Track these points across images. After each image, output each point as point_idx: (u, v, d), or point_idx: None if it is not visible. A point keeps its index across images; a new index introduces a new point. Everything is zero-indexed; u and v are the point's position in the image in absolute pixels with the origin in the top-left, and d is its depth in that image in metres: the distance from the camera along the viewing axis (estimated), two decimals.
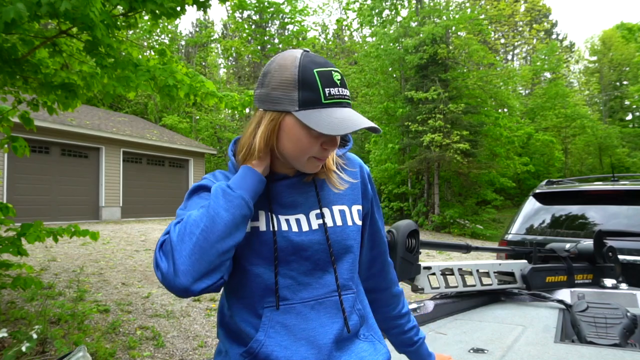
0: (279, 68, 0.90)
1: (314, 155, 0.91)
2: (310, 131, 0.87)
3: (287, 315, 0.91)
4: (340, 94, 0.89)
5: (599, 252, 2.40)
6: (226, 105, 4.33)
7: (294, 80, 0.87)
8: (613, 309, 1.63)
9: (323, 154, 0.92)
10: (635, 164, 22.32)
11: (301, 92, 0.87)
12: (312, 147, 0.89)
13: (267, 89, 0.90)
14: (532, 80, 28.22)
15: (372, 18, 20.40)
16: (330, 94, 0.88)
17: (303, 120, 0.86)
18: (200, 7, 3.38)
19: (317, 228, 0.96)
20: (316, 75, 0.87)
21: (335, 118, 0.86)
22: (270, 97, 0.89)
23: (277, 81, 0.89)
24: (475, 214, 17.98)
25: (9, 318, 3.86)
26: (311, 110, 0.86)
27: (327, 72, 0.89)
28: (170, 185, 15.77)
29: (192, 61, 28.64)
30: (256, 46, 23.87)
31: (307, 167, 0.93)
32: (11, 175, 10.84)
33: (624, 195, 3.20)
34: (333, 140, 0.91)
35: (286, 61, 0.90)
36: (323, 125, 0.85)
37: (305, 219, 0.96)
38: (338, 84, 0.89)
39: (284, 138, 0.90)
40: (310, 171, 0.95)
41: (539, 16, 35.15)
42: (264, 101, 0.91)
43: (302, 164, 0.93)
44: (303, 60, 0.88)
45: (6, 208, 3.56)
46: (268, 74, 0.91)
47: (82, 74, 3.80)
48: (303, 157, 0.91)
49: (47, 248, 7.25)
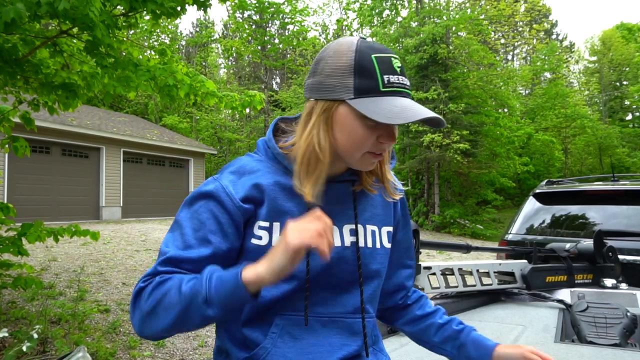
0: (333, 54, 0.83)
1: (369, 151, 0.83)
2: (366, 121, 0.80)
3: (297, 327, 0.86)
4: (400, 82, 0.81)
5: (599, 252, 2.40)
6: (226, 105, 4.33)
7: (349, 66, 0.80)
8: (613, 308, 1.63)
9: (379, 149, 0.84)
10: (635, 164, 22.32)
11: (357, 79, 0.80)
12: (367, 140, 0.82)
13: (320, 76, 0.83)
14: (532, 80, 28.21)
15: (372, 18, 20.41)
16: (390, 82, 0.80)
17: (358, 109, 0.78)
18: (201, 7, 3.38)
19: (348, 245, 0.90)
20: (374, 61, 0.80)
21: (395, 107, 0.78)
22: (323, 85, 0.83)
23: (332, 68, 0.82)
24: (475, 214, 17.99)
25: (10, 318, 3.86)
26: (368, 98, 0.79)
27: (386, 58, 0.81)
28: (170, 185, 15.77)
29: (192, 61, 28.64)
30: (256, 46, 23.87)
31: (362, 163, 0.86)
32: (12, 175, 10.85)
33: (624, 195, 3.20)
34: (391, 133, 0.83)
35: (342, 47, 0.83)
36: (381, 114, 0.77)
37: (339, 234, 0.90)
38: (398, 72, 0.81)
39: (337, 130, 0.83)
40: (365, 169, 0.88)
41: (539, 16, 35.15)
42: (316, 90, 0.84)
43: (355, 160, 0.85)
44: (360, 46, 0.81)
45: (7, 208, 3.56)
46: (321, 61, 0.84)
47: (82, 74, 3.80)
48: (357, 152, 0.83)
49: (48, 248, 7.25)
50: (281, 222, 0.85)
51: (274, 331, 0.85)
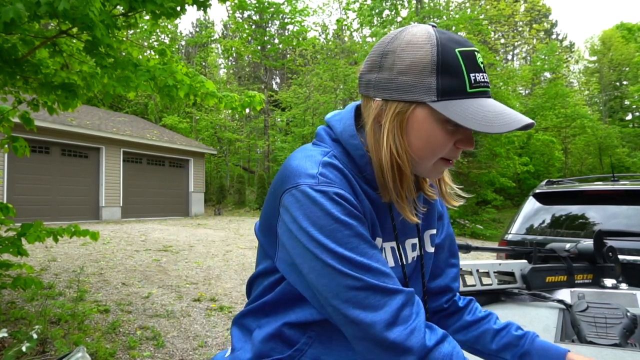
0: (407, 47, 0.72)
1: (444, 157, 0.76)
2: (447, 126, 0.72)
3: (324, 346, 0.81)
4: (485, 81, 0.72)
5: (599, 252, 2.40)
6: (226, 105, 4.33)
7: (431, 63, 0.69)
8: (613, 309, 1.62)
9: (454, 155, 0.76)
10: (635, 164, 22.32)
11: (440, 78, 0.69)
12: (445, 146, 0.74)
13: (390, 72, 0.72)
14: (532, 80, 28.21)
15: (372, 18, 20.42)
16: (477, 81, 0.71)
17: (446, 114, 0.69)
18: (200, 7, 3.38)
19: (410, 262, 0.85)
20: (459, 57, 0.70)
21: (488, 112, 0.70)
22: (396, 83, 0.72)
23: (406, 63, 0.71)
24: (475, 214, 17.99)
25: (9, 318, 3.86)
26: (454, 101, 0.69)
27: (470, 52, 0.71)
28: (170, 185, 15.78)
29: (192, 61, 28.64)
30: (256, 46, 23.87)
31: (433, 171, 0.78)
32: (11, 175, 10.85)
33: (624, 195, 3.20)
34: (470, 137, 0.75)
35: (417, 38, 0.71)
36: (475, 120, 0.68)
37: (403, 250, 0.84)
38: (482, 69, 0.72)
39: (413, 135, 0.73)
40: (435, 177, 0.80)
41: (539, 16, 35.16)
42: (385, 89, 0.73)
43: (427, 168, 0.77)
44: (441, 37, 0.71)
45: (6, 208, 3.56)
46: (390, 54, 0.73)
47: (82, 74, 3.80)
48: (432, 159, 0.75)
49: (47, 248, 7.25)
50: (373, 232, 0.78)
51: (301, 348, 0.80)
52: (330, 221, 0.69)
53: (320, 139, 0.82)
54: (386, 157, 0.74)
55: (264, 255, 0.85)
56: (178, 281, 5.82)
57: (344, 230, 0.69)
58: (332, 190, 0.70)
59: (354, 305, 0.67)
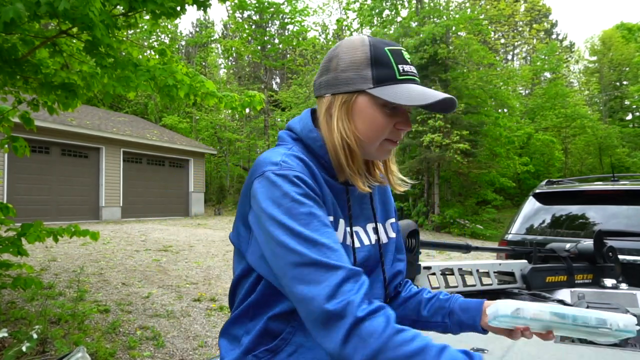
0: (347, 50, 0.88)
1: (387, 138, 0.89)
2: (385, 109, 0.86)
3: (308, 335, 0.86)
4: (412, 71, 0.88)
5: (599, 252, 2.40)
6: (226, 105, 4.33)
7: (367, 59, 0.85)
8: (613, 309, 1.62)
9: (397, 135, 0.90)
10: (635, 164, 22.31)
11: (375, 70, 0.85)
12: (386, 127, 0.87)
13: (335, 72, 0.88)
14: (532, 80, 28.21)
15: (372, 18, 20.41)
16: (405, 71, 0.86)
17: (381, 96, 0.83)
18: (200, 7, 3.37)
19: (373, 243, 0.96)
20: (388, 53, 0.86)
21: (414, 91, 0.84)
22: (340, 80, 0.87)
23: (347, 62, 0.87)
24: (475, 214, 17.99)
25: (9, 318, 3.86)
26: (387, 86, 0.84)
27: (397, 50, 0.88)
28: (170, 185, 15.78)
29: (192, 61, 28.64)
30: (256, 46, 23.86)
31: (380, 152, 0.90)
32: (11, 175, 10.85)
33: (624, 195, 3.20)
34: (407, 119, 0.89)
35: (354, 43, 0.88)
36: (403, 97, 0.82)
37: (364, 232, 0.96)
38: (409, 62, 0.88)
39: (358, 120, 0.87)
40: (382, 157, 0.93)
41: (539, 16, 35.15)
42: (332, 85, 0.88)
43: (375, 149, 0.89)
44: (372, 41, 0.87)
45: (6, 208, 3.56)
46: (334, 59, 0.89)
47: (82, 74, 3.80)
48: (377, 141, 0.88)
49: (47, 248, 7.25)
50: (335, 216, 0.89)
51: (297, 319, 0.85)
52: (287, 200, 0.77)
53: (282, 140, 0.94)
54: (338, 140, 0.87)
55: (239, 259, 0.93)
56: (178, 281, 5.82)
57: (299, 207, 0.77)
58: (291, 173, 0.81)
59: (299, 282, 0.72)
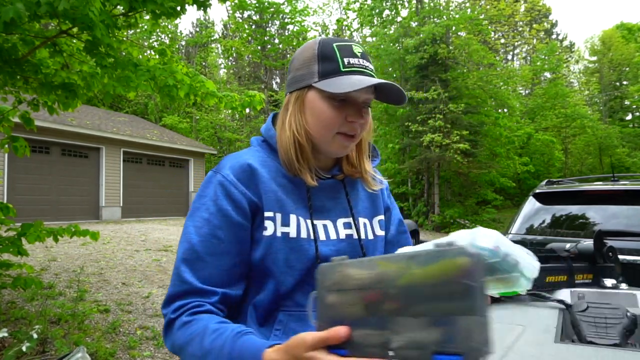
0: (302, 50, 0.92)
1: (340, 132, 0.88)
2: (332, 102, 0.86)
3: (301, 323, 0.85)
4: (360, 64, 0.88)
5: (599, 252, 2.40)
6: (226, 105, 4.33)
7: (314, 56, 0.88)
8: (613, 309, 1.62)
9: (350, 129, 0.88)
10: (635, 164, 22.31)
11: (321, 65, 0.87)
12: (335, 119, 0.87)
13: (292, 72, 0.93)
14: (532, 80, 28.20)
15: (372, 18, 20.41)
16: (350, 63, 0.87)
17: (321, 87, 0.85)
18: (200, 7, 3.37)
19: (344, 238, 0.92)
20: (335, 49, 0.88)
21: (352, 80, 0.84)
22: (295, 78, 0.91)
23: (300, 61, 0.91)
24: (475, 214, 17.98)
25: (10, 318, 3.86)
26: (330, 79, 0.86)
27: (346, 45, 0.89)
28: (170, 185, 15.77)
29: (192, 61, 28.64)
30: (256, 46, 23.87)
31: (335, 146, 0.90)
32: (11, 175, 10.84)
33: (624, 195, 3.20)
34: (357, 112, 0.88)
35: (308, 44, 0.93)
36: (337, 87, 0.83)
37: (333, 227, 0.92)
38: (358, 56, 0.89)
39: (308, 114, 0.89)
40: (338, 153, 0.92)
41: (539, 16, 35.14)
42: (290, 84, 0.93)
43: (328, 144, 0.89)
44: (323, 39, 0.91)
45: (6, 208, 3.55)
46: (294, 60, 0.94)
47: (82, 74, 3.80)
48: (329, 133, 0.88)
49: (47, 248, 7.25)
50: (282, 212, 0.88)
51: (278, 328, 0.84)
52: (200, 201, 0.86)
53: (251, 145, 0.99)
54: (288, 135, 0.89)
55: None
56: None
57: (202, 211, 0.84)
58: (217, 179, 0.87)
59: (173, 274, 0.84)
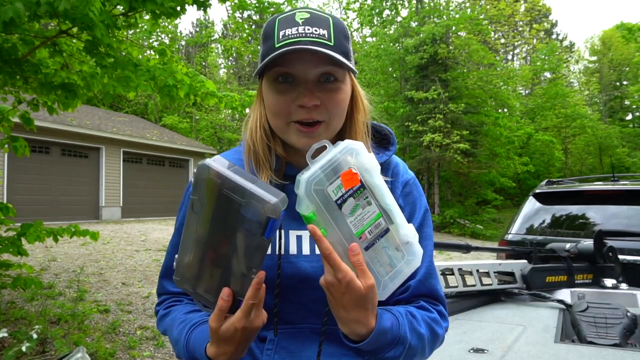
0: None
1: (295, 120, 0.75)
2: (276, 86, 0.75)
3: (293, 340, 0.79)
4: (299, 32, 0.72)
5: (599, 252, 2.40)
6: (226, 105, 4.33)
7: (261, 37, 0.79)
8: (613, 309, 1.62)
9: (303, 115, 0.74)
10: (635, 164, 22.32)
11: (263, 46, 0.77)
12: (283, 106, 0.74)
13: None
14: (532, 80, 28.21)
15: (372, 18, 20.41)
16: (285, 35, 0.72)
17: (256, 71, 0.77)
18: (200, 7, 3.37)
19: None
20: (276, 23, 0.75)
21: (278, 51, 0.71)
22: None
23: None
24: (475, 214, 17.99)
25: (9, 318, 3.86)
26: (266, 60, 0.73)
27: (289, 15, 0.75)
28: (170, 185, 15.76)
29: (192, 61, 28.64)
30: (256, 46, 23.87)
31: (292, 138, 0.77)
32: (11, 175, 10.84)
33: (624, 195, 3.20)
34: (305, 92, 0.73)
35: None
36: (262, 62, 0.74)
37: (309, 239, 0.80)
38: (299, 23, 0.73)
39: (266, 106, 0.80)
40: (300, 145, 0.76)
41: (539, 16, 35.15)
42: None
43: (287, 135, 0.77)
44: (273, 16, 0.78)
45: (6, 208, 3.55)
46: None
47: (82, 74, 3.80)
48: (281, 123, 0.76)
49: (47, 248, 7.25)
50: None
51: (269, 347, 0.78)
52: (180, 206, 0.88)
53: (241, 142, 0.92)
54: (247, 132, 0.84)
55: None
56: None
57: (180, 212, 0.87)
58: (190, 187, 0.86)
59: None
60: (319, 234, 0.64)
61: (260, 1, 18.05)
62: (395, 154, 0.91)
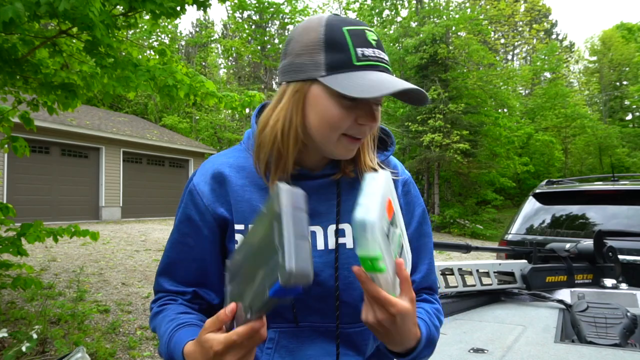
0: (302, 31, 0.76)
1: (346, 133, 0.75)
2: (342, 100, 0.72)
3: (294, 338, 0.80)
4: (376, 56, 0.73)
5: (599, 252, 2.40)
6: (226, 105, 4.33)
7: (319, 41, 0.73)
8: (613, 309, 1.62)
9: (358, 132, 0.75)
10: (635, 164, 22.32)
11: (328, 54, 0.72)
12: (343, 120, 0.73)
13: (290, 57, 0.76)
14: (532, 80, 28.22)
15: (372, 18, 20.42)
16: (364, 55, 0.72)
17: (330, 85, 0.71)
18: (200, 7, 3.37)
19: (333, 248, 0.80)
20: (346, 34, 0.72)
21: (371, 80, 0.70)
22: (294, 65, 0.75)
23: (301, 45, 0.75)
24: (475, 214, 17.99)
25: (9, 318, 3.86)
26: (341, 74, 0.71)
27: (359, 30, 0.74)
28: (170, 185, 15.76)
29: (192, 61, 28.64)
30: (256, 46, 23.88)
31: (338, 149, 0.76)
32: (11, 175, 10.84)
33: (624, 195, 3.20)
34: (370, 112, 0.74)
35: (311, 23, 0.76)
36: (354, 88, 0.69)
37: (322, 235, 0.81)
38: (373, 45, 0.74)
39: (311, 112, 0.75)
40: (342, 156, 0.78)
41: (539, 16, 35.15)
42: (287, 72, 0.77)
43: (332, 146, 0.76)
44: (330, 19, 0.75)
45: (6, 208, 3.55)
46: (291, 41, 0.77)
47: (82, 74, 3.80)
48: (333, 135, 0.74)
49: (47, 248, 7.25)
50: None
51: (269, 346, 0.79)
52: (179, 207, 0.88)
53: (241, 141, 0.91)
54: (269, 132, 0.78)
55: None
56: None
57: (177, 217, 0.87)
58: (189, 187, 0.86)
59: None
60: (364, 277, 0.62)
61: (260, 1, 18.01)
62: (394, 154, 0.92)
